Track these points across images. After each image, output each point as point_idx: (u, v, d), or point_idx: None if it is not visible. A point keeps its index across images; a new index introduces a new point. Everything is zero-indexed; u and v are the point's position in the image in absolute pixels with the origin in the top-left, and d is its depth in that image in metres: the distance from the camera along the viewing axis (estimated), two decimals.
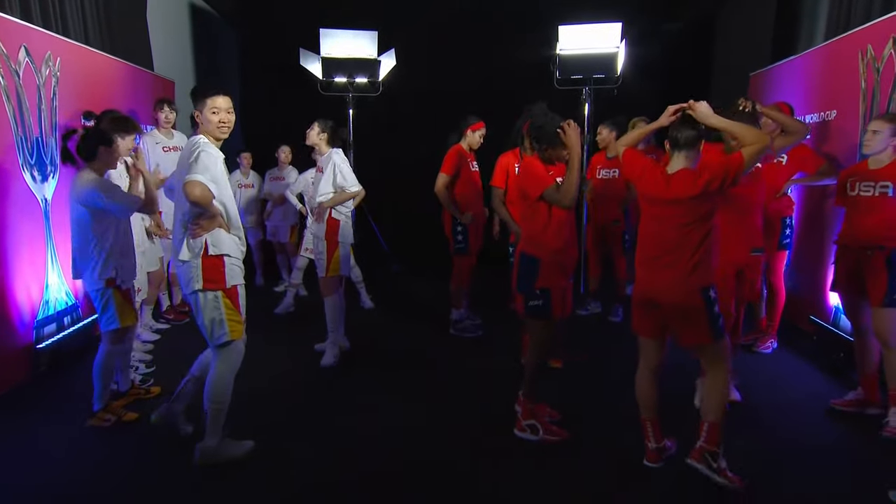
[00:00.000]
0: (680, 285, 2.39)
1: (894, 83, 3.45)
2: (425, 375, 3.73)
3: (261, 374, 3.65)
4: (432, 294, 5.62)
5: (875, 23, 3.72)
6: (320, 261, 3.83)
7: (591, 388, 3.53)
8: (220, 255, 2.52)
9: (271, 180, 5.75)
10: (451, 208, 4.29)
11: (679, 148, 2.44)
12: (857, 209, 3.00)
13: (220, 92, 2.52)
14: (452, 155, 4.30)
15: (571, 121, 2.70)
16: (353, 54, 5.79)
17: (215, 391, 2.59)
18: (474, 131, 4.35)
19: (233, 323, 2.56)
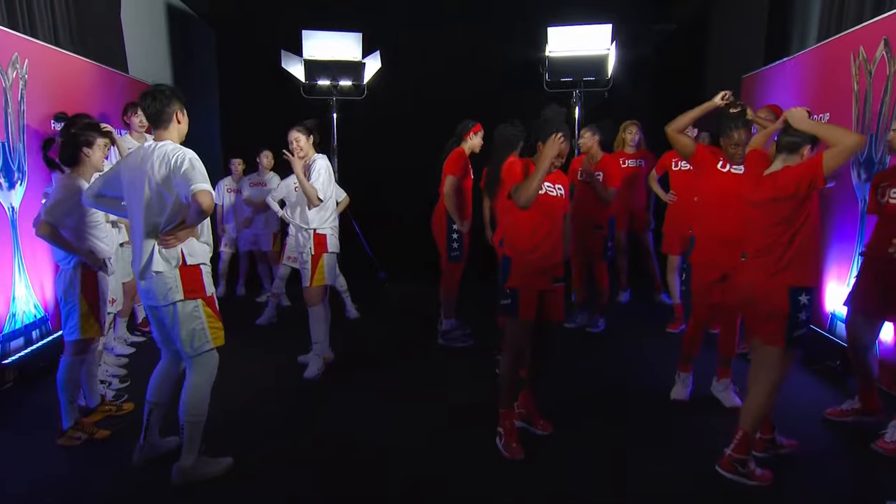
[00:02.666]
0: (767, 284, 2.52)
1: (887, 85, 3.52)
2: (415, 388, 3.72)
3: (242, 388, 3.65)
4: (420, 302, 5.61)
5: (866, 24, 3.80)
6: (305, 270, 3.82)
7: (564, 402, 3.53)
8: (197, 264, 2.55)
9: (251, 186, 5.73)
10: (456, 214, 4.26)
11: (779, 151, 2.59)
12: (887, 218, 2.94)
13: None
14: (458, 156, 4.26)
15: (560, 134, 2.76)
16: (336, 56, 5.81)
17: (192, 403, 2.57)
18: (476, 133, 4.35)
19: (214, 330, 2.59)
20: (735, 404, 3.33)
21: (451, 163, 4.24)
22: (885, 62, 3.55)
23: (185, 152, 2.45)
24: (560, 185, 2.90)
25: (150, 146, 2.52)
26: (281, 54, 5.72)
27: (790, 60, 4.83)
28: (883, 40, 3.54)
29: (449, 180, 4.23)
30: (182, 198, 2.43)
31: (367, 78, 5.90)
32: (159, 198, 2.46)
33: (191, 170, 2.39)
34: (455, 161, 4.24)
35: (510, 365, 2.91)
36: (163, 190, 2.44)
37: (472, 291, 4.82)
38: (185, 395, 2.58)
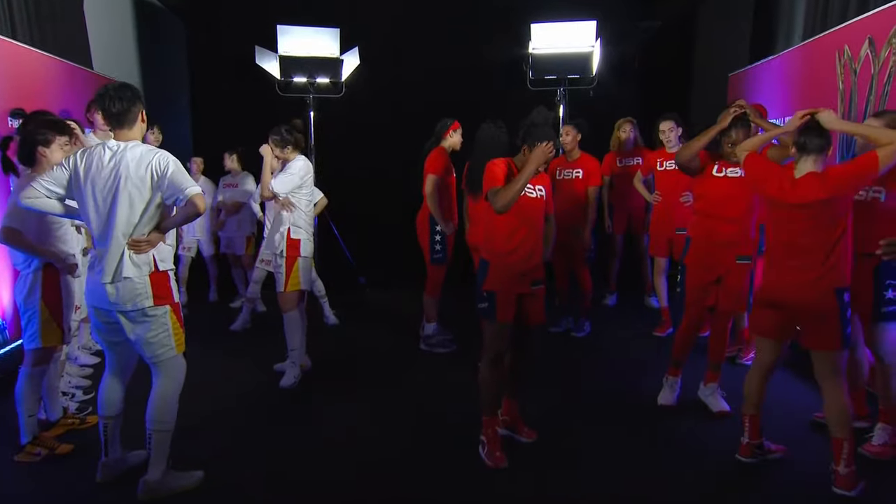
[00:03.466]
0: (813, 287, 2.59)
1: (871, 84, 3.60)
2: (395, 396, 3.71)
3: (214, 397, 3.61)
4: (401, 307, 5.60)
5: (851, 23, 3.89)
6: (279, 275, 3.79)
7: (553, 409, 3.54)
8: (167, 270, 2.56)
9: (225, 187, 5.67)
10: (438, 214, 4.27)
11: (808, 153, 2.62)
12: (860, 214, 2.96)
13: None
14: (439, 155, 4.27)
15: (550, 143, 2.79)
16: (313, 53, 5.77)
17: (159, 412, 2.54)
18: (455, 131, 4.36)
19: (178, 336, 2.59)
20: (722, 409, 3.36)
21: (431, 161, 4.25)
22: (869, 61, 3.63)
23: (167, 155, 2.49)
24: (541, 186, 2.92)
25: (117, 146, 2.49)
26: (255, 50, 5.67)
27: (776, 59, 4.93)
28: (867, 39, 3.63)
29: (430, 179, 4.22)
30: (169, 201, 2.47)
31: (345, 75, 5.88)
32: (137, 202, 2.45)
33: (178, 173, 2.46)
34: (435, 160, 4.25)
35: (489, 370, 2.91)
36: (142, 195, 2.45)
37: (456, 295, 4.82)
38: (151, 403, 2.55)
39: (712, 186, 3.31)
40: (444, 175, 4.26)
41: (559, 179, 4.75)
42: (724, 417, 3.32)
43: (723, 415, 3.35)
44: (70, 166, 2.51)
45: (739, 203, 3.25)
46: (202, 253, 5.78)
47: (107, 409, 2.67)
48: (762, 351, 2.82)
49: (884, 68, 3.49)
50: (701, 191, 3.39)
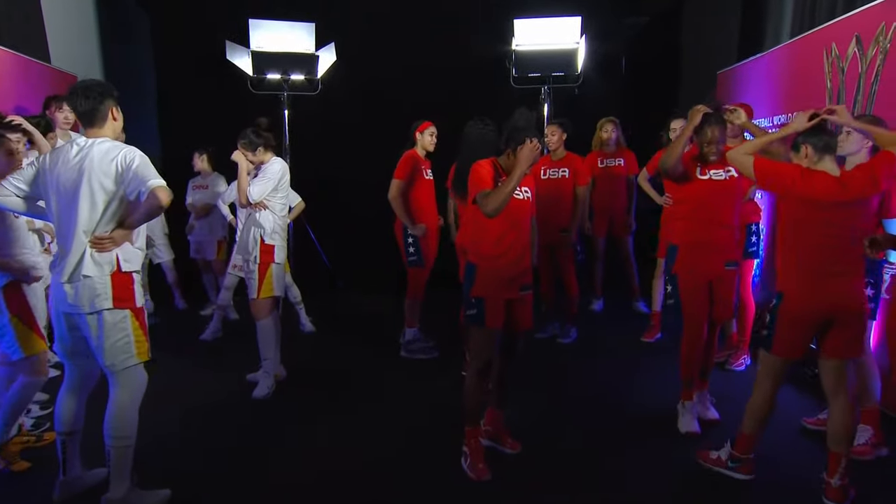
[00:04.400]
0: (855, 291, 2.61)
1: (859, 83, 3.68)
2: (375, 406, 3.70)
3: (183, 410, 3.57)
4: (381, 313, 5.59)
5: (839, 20, 3.98)
6: (251, 281, 3.77)
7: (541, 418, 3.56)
8: (131, 271, 2.53)
9: (194, 189, 5.61)
10: (405, 218, 4.31)
11: (829, 152, 2.62)
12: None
13: None
14: (406, 159, 4.33)
15: (536, 141, 2.80)
16: (287, 48, 5.75)
17: (117, 425, 2.50)
18: (423, 132, 4.39)
19: (140, 344, 2.55)
20: (711, 417, 3.40)
21: (399, 166, 4.30)
22: (856, 59, 3.71)
23: (134, 150, 2.48)
24: (527, 187, 2.93)
25: (85, 142, 2.49)
26: (226, 45, 5.62)
27: (764, 56, 5.01)
28: (854, 37, 3.71)
29: (393, 184, 4.29)
30: (131, 195, 2.44)
31: (320, 72, 5.86)
32: (100, 197, 2.43)
33: (144, 166, 2.44)
34: (402, 164, 4.30)
35: (476, 379, 2.92)
36: (105, 189, 2.44)
37: (438, 299, 4.82)
38: (109, 415, 2.51)
39: (698, 190, 3.28)
40: (410, 178, 4.29)
41: (544, 179, 4.77)
42: (712, 426, 3.35)
43: (711, 423, 3.38)
44: (39, 164, 2.54)
45: (728, 206, 3.27)
46: (157, 258, 5.71)
47: (65, 425, 2.62)
48: (781, 374, 2.70)
49: (871, 67, 3.57)
50: (685, 195, 3.38)
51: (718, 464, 2.86)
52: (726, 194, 3.24)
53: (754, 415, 2.77)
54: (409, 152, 4.36)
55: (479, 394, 2.93)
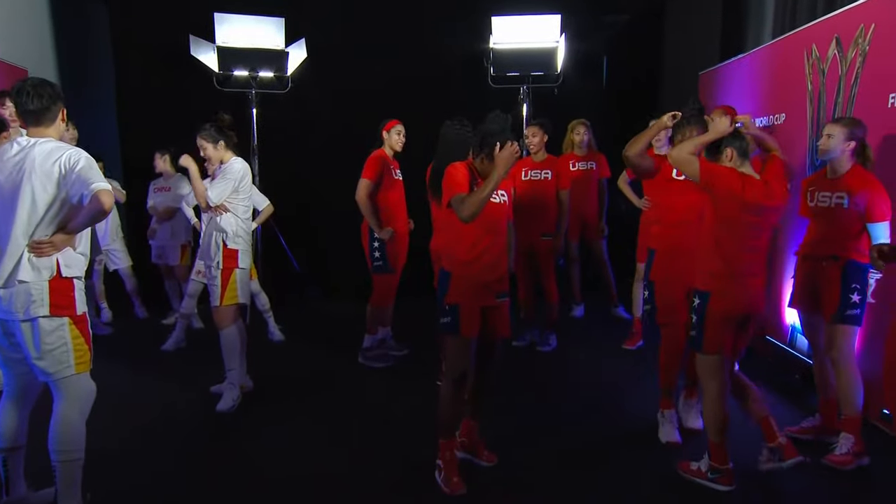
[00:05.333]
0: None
1: (839, 85, 3.78)
2: (344, 418, 3.68)
3: (142, 424, 3.52)
4: (354, 320, 5.55)
5: (818, 22, 4.07)
6: (213, 287, 3.74)
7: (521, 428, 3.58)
8: (71, 277, 2.49)
9: (156, 191, 5.54)
10: (372, 220, 4.32)
11: (747, 157, 2.84)
12: (816, 219, 3.24)
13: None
14: (375, 159, 4.34)
15: (515, 144, 2.82)
16: (255, 44, 5.72)
17: (62, 439, 2.45)
18: (389, 130, 4.40)
19: (80, 353, 2.50)
20: (693, 426, 3.44)
21: (366, 165, 4.31)
22: (836, 62, 3.81)
23: (79, 151, 2.45)
24: (503, 191, 2.95)
25: (27, 142, 2.46)
26: (190, 39, 5.56)
27: (745, 57, 5.11)
28: (834, 39, 3.81)
29: (361, 184, 4.28)
30: (74, 198, 2.40)
31: (290, 69, 5.84)
32: (41, 199, 2.39)
33: (88, 168, 2.41)
34: (370, 164, 4.31)
35: (451, 390, 2.92)
36: (47, 191, 2.39)
37: (414, 305, 4.83)
38: (53, 429, 2.46)
39: (672, 191, 3.35)
40: (379, 179, 4.30)
41: (526, 181, 4.80)
42: (697, 435, 3.39)
43: (692, 431, 3.43)
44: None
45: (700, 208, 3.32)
46: (113, 264, 5.63)
47: (6, 440, 2.56)
48: (722, 371, 2.85)
49: (850, 69, 3.67)
50: (660, 198, 3.44)
51: (699, 475, 2.90)
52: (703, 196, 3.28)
53: (712, 421, 2.86)
54: (377, 152, 4.38)
55: (454, 405, 2.94)
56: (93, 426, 2.56)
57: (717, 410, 2.84)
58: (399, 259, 4.49)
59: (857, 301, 3.05)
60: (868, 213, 3.02)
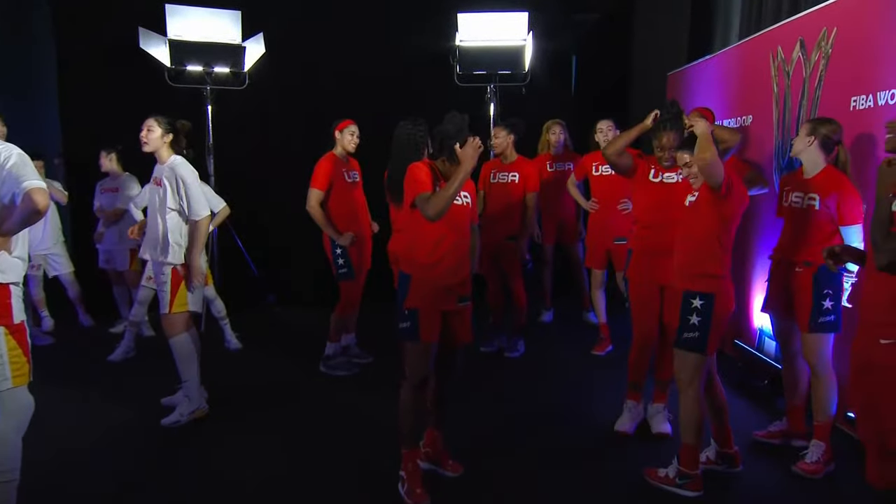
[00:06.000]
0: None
1: (804, 88, 3.91)
2: (304, 430, 3.66)
3: (88, 441, 3.45)
4: (315, 327, 5.52)
5: (783, 24, 4.21)
6: (163, 293, 3.66)
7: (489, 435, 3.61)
8: (7, 283, 2.42)
9: (102, 192, 5.43)
10: (328, 229, 4.32)
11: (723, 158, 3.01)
12: (790, 221, 3.30)
13: None
14: (323, 165, 4.34)
15: (477, 138, 2.85)
16: (210, 38, 5.66)
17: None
18: (342, 131, 4.41)
19: (17, 365, 2.43)
20: (661, 431, 3.51)
21: (315, 173, 4.31)
22: (801, 64, 3.94)
23: (11, 147, 2.38)
24: (466, 192, 2.97)
25: None
26: (139, 32, 5.46)
27: (713, 59, 5.25)
28: (798, 41, 3.94)
29: (310, 194, 4.30)
30: (5, 197, 2.33)
31: (248, 65, 5.79)
32: None
33: (21, 165, 2.34)
34: (318, 172, 4.32)
35: (411, 397, 2.93)
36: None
37: (373, 310, 4.82)
38: None
39: (649, 193, 3.48)
40: (330, 185, 4.31)
41: (494, 183, 4.85)
42: (661, 440, 3.47)
43: (660, 437, 3.50)
44: None
45: (676, 209, 3.40)
46: (53, 270, 5.49)
47: None
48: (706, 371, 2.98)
49: (814, 72, 3.80)
50: (637, 198, 3.58)
51: (667, 482, 2.96)
52: (679, 197, 3.34)
53: (692, 422, 2.92)
54: (327, 156, 4.38)
55: (415, 413, 2.95)
56: (30, 443, 2.49)
57: (698, 411, 2.91)
58: (363, 264, 4.48)
59: (829, 307, 3.09)
60: (839, 216, 3.06)
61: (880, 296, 2.22)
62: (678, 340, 2.95)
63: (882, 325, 2.20)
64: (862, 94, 3.38)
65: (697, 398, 2.91)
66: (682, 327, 2.93)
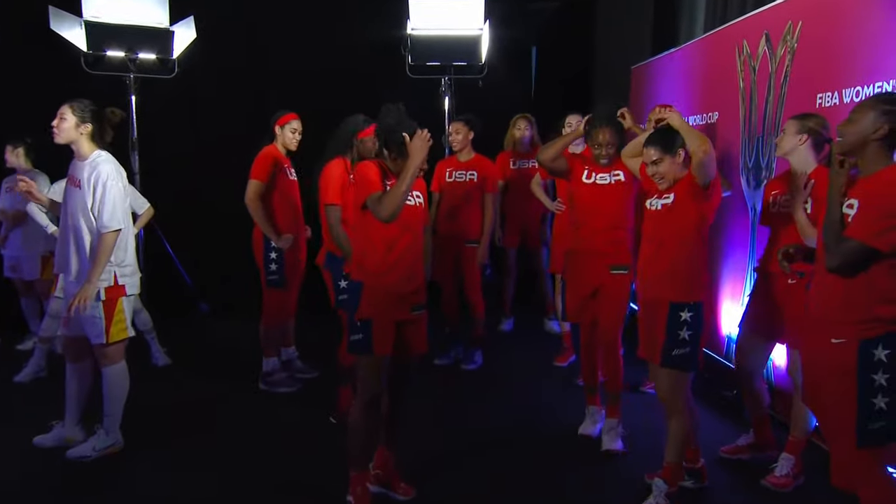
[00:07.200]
0: None
1: (769, 83, 4.07)
2: (238, 453, 3.61)
3: None
4: (251, 340, 5.43)
5: (748, 16, 4.38)
6: (94, 321, 3.41)
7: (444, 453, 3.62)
8: None
9: (6, 191, 5.24)
10: (266, 226, 4.27)
11: None
12: (779, 228, 3.23)
13: None
14: (265, 157, 4.31)
15: (426, 130, 2.86)
16: (133, 20, 5.56)
17: None
18: (283, 126, 4.39)
19: None
20: (612, 449, 3.56)
21: (255, 164, 4.28)
22: (766, 58, 4.10)
23: None
24: (418, 192, 2.99)
25: None
26: (49, 11, 5.29)
27: (677, 52, 5.41)
28: (764, 35, 4.10)
29: (249, 186, 4.25)
30: None
31: (177, 51, 5.70)
32: None
33: None
34: (259, 162, 4.29)
35: (363, 416, 2.92)
36: None
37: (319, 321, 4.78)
38: None
39: (581, 194, 3.66)
40: (271, 180, 4.28)
41: (450, 182, 4.88)
42: (609, 458, 3.52)
43: (608, 455, 3.55)
44: None
45: (613, 211, 3.57)
46: None
47: None
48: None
49: (780, 67, 3.96)
50: (571, 200, 3.75)
51: None
52: (611, 199, 3.56)
53: (683, 438, 2.98)
54: (268, 148, 4.36)
55: (367, 432, 2.94)
56: None
57: (688, 425, 2.97)
58: (297, 271, 4.46)
59: None
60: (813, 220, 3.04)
61: (832, 296, 2.33)
62: (666, 359, 2.92)
63: (833, 323, 2.31)
64: (828, 91, 3.53)
65: (688, 419, 2.97)
66: (670, 344, 2.90)
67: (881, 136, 2.24)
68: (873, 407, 2.23)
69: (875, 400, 2.23)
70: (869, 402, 2.23)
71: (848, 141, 2.31)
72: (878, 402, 2.23)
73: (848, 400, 2.26)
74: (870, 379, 2.23)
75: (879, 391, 2.23)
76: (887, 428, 2.23)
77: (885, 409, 2.23)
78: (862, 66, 3.32)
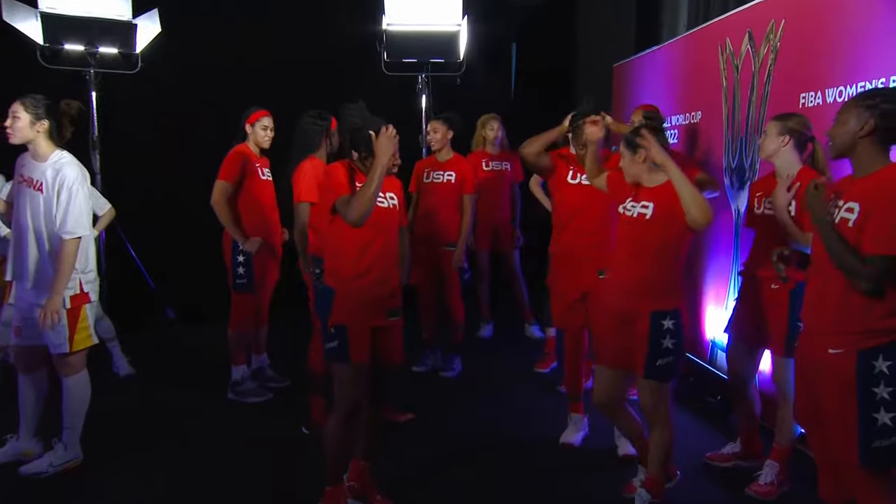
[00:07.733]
0: None
1: (753, 82, 4.14)
2: (205, 468, 3.57)
3: None
4: (219, 347, 5.39)
5: (731, 14, 4.45)
6: (58, 329, 3.34)
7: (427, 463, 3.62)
8: None
9: None
10: (233, 229, 4.26)
11: None
12: (764, 231, 3.27)
13: None
14: (234, 157, 4.30)
15: (391, 126, 2.86)
16: (93, 12, 5.49)
17: None
18: (253, 124, 4.38)
19: None
20: (627, 453, 3.57)
21: (224, 165, 4.28)
22: (749, 57, 4.17)
23: None
24: (392, 193, 2.99)
25: None
26: (2, 2, 5.21)
27: (660, 50, 5.48)
28: (747, 33, 4.17)
29: (216, 187, 4.25)
30: None
31: (140, 45, 5.64)
32: None
33: None
34: (228, 162, 4.28)
35: (341, 426, 2.90)
36: None
37: (292, 328, 4.75)
38: None
39: (567, 195, 3.65)
40: (240, 180, 4.27)
41: (427, 183, 4.88)
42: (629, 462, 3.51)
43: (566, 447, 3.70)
44: None
45: (596, 212, 3.56)
46: None
47: None
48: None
49: (763, 66, 4.03)
50: (557, 201, 3.71)
51: None
52: (598, 200, 3.50)
53: (666, 448, 3.00)
54: (238, 147, 4.35)
55: (344, 444, 2.93)
56: None
57: (670, 440, 2.99)
58: (269, 275, 4.44)
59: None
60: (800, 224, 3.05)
61: (828, 305, 2.32)
62: (649, 370, 2.91)
63: (830, 333, 2.30)
64: (811, 91, 3.60)
65: (672, 428, 3.00)
66: (653, 354, 2.89)
67: (869, 132, 2.25)
68: (876, 423, 2.18)
69: (877, 415, 2.18)
70: (871, 418, 2.18)
71: (838, 143, 2.34)
72: (882, 417, 2.18)
73: (848, 414, 2.22)
74: (871, 392, 2.19)
75: (882, 405, 2.18)
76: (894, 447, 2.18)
77: (889, 425, 2.17)
78: (845, 65, 3.40)
